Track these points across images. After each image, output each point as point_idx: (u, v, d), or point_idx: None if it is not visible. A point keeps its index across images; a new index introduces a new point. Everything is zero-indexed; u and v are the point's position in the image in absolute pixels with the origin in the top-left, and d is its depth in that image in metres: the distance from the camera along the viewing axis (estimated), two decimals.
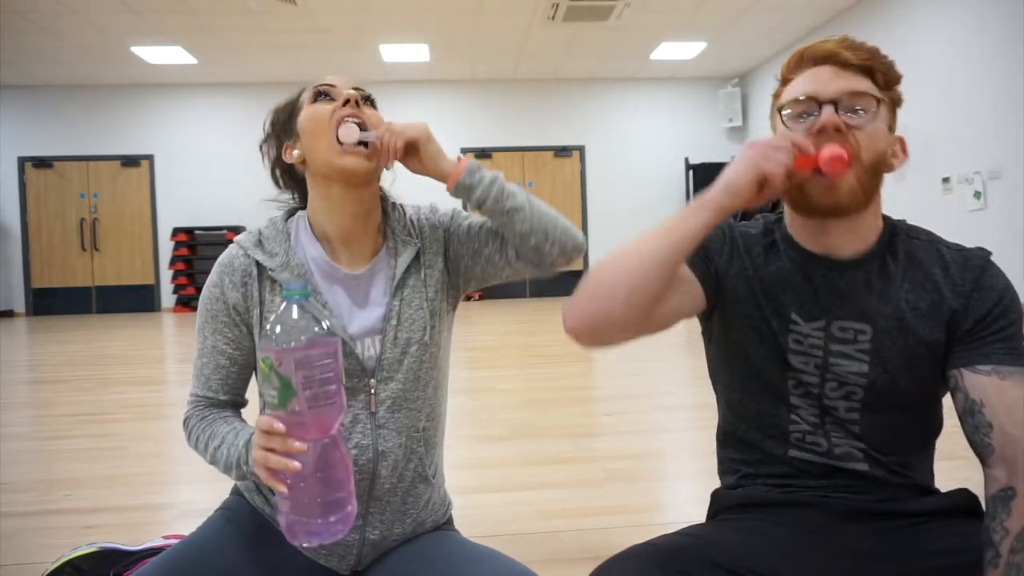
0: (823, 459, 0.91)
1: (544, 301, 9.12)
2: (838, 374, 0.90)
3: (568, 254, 1.05)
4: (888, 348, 0.88)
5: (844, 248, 0.91)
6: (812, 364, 0.91)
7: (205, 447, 0.98)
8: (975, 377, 0.85)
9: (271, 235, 1.03)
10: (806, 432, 0.92)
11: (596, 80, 9.75)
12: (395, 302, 1.02)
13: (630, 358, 4.21)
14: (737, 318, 0.95)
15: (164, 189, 9.47)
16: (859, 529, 0.87)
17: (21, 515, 1.85)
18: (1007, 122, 5.33)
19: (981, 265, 0.89)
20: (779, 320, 0.92)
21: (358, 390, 0.99)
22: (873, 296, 0.90)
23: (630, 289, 0.81)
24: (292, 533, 0.80)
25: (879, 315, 0.89)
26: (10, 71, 8.47)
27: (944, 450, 0.96)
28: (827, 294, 0.91)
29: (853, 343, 0.89)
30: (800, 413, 0.92)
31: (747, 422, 0.98)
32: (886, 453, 0.90)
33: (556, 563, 1.46)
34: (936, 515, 0.88)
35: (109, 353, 5.21)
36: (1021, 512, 0.79)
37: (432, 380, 1.05)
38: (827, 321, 0.90)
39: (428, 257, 1.07)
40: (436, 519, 1.09)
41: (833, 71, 0.87)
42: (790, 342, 0.91)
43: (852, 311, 0.90)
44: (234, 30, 7.33)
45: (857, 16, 7.13)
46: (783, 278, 0.93)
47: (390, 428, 1.00)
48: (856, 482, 0.90)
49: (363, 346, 1.00)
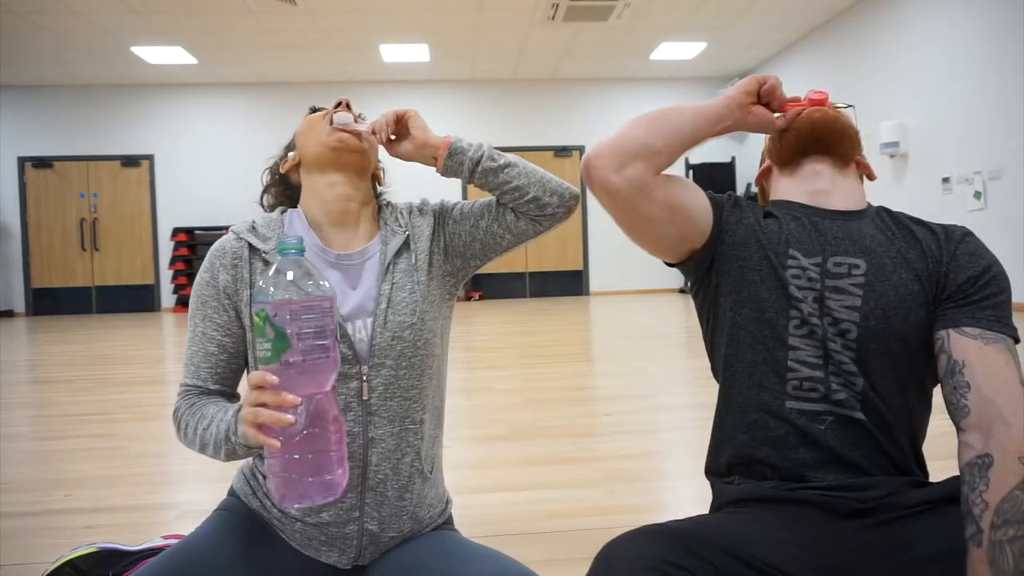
0: (821, 405, 0.91)
1: (544, 301, 9.12)
2: (832, 308, 0.92)
3: (567, 203, 1.11)
4: (881, 283, 0.92)
5: (835, 201, 0.99)
6: (811, 297, 0.93)
7: (195, 432, 0.96)
8: (960, 339, 0.87)
9: (265, 222, 1.06)
10: (803, 379, 0.92)
11: (596, 80, 9.76)
12: (385, 286, 1.04)
13: (630, 358, 4.21)
14: (737, 261, 0.98)
15: (164, 189, 9.47)
16: (857, 524, 0.87)
17: (21, 515, 1.85)
18: (1007, 122, 5.33)
19: (965, 232, 0.95)
20: (778, 256, 0.96)
21: (350, 376, 1.00)
22: (867, 238, 0.95)
23: (663, 127, 0.97)
24: (282, 495, 0.77)
25: (872, 251, 0.94)
26: (10, 71, 8.47)
27: (944, 450, 0.96)
28: (824, 232, 0.96)
29: (847, 276, 0.93)
30: (800, 355, 0.92)
31: (743, 380, 0.97)
32: (883, 399, 0.90)
33: (556, 563, 1.46)
34: (932, 505, 0.88)
35: (109, 353, 5.21)
36: (999, 481, 0.77)
37: (427, 368, 1.06)
38: (823, 257, 0.94)
39: (419, 244, 1.09)
40: (435, 516, 1.10)
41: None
42: (789, 277, 0.94)
43: (848, 247, 0.94)
44: (234, 30, 7.33)
45: (857, 16, 7.12)
46: (782, 226, 0.99)
47: (381, 416, 1.01)
48: (851, 433, 0.90)
49: (354, 327, 1.01)
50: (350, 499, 1.01)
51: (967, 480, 0.80)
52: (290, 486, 0.77)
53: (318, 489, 0.77)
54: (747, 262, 0.97)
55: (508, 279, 9.83)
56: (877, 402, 0.90)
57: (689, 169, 9.66)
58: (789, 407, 0.92)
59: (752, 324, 0.96)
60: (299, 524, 1.01)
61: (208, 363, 1.02)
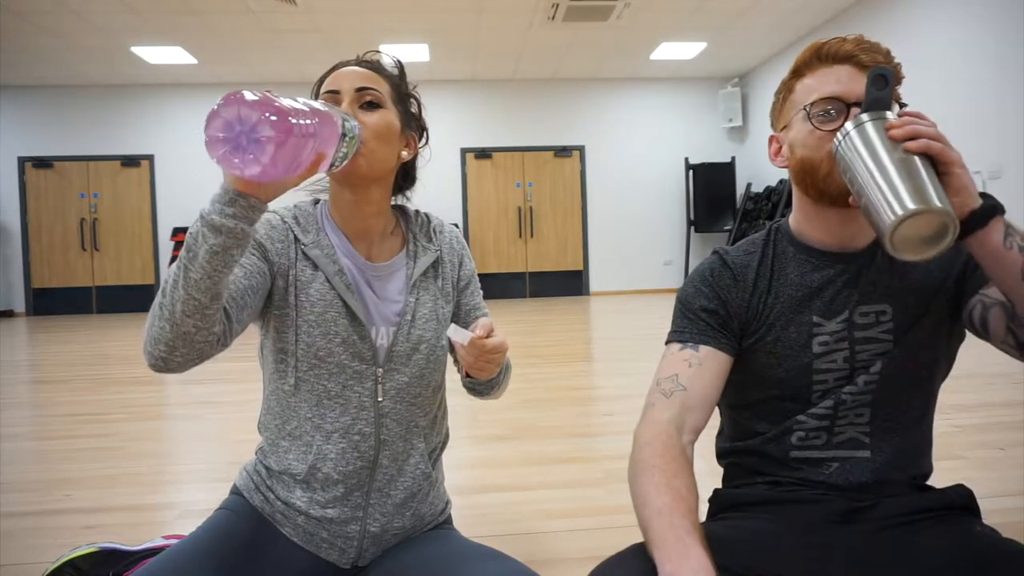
0: (823, 452, 0.92)
1: (544, 301, 9.12)
2: (864, 360, 0.91)
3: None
4: (910, 318, 0.91)
5: (861, 236, 0.93)
6: (841, 358, 0.91)
7: (168, 284, 0.81)
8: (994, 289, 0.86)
9: (304, 216, 1.06)
10: (809, 430, 0.93)
11: (596, 80, 9.75)
12: (411, 299, 1.05)
13: (630, 358, 4.21)
14: (747, 350, 0.96)
15: (164, 189, 9.47)
16: (856, 528, 0.87)
17: (21, 515, 1.84)
18: (1007, 122, 5.33)
19: None
20: (799, 329, 0.93)
21: (365, 376, 1.01)
22: (885, 275, 0.92)
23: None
24: (209, 140, 0.75)
25: (895, 291, 0.91)
26: (10, 71, 8.47)
27: (944, 450, 0.96)
28: (846, 286, 0.92)
29: (876, 326, 0.91)
30: (813, 412, 0.92)
31: (750, 435, 0.98)
32: (890, 431, 0.91)
33: (556, 563, 1.46)
34: (933, 512, 0.88)
35: (109, 353, 5.21)
36: None
37: (433, 382, 1.08)
38: (849, 311, 0.92)
39: (444, 268, 1.11)
40: (435, 514, 1.10)
41: (851, 72, 0.89)
42: (815, 346, 0.92)
43: (871, 295, 0.92)
44: (234, 30, 7.33)
45: (857, 16, 7.12)
46: (796, 285, 0.94)
47: (392, 418, 1.03)
48: (856, 472, 0.90)
49: (377, 333, 1.03)
50: (356, 498, 1.01)
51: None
52: (214, 119, 0.73)
53: (252, 141, 0.72)
54: (763, 346, 0.95)
55: (508, 279, 9.83)
56: (882, 442, 0.91)
57: (689, 169, 9.66)
58: (793, 456, 0.94)
59: (774, 400, 0.96)
60: (301, 518, 1.01)
61: None
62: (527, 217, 9.80)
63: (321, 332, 0.99)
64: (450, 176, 9.67)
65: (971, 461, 1.77)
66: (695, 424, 0.91)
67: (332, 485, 1.00)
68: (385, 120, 1.01)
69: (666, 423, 0.88)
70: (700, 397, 0.91)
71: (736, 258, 0.99)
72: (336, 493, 1.00)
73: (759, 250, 0.99)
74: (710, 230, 9.64)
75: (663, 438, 0.87)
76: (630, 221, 9.83)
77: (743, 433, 1.00)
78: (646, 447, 0.86)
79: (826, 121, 0.89)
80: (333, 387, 1.00)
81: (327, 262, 1.01)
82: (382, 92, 1.02)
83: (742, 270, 0.98)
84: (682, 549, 0.73)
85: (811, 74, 0.92)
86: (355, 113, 0.98)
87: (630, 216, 9.80)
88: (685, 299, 0.99)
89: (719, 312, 0.96)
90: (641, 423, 0.91)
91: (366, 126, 0.98)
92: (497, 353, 0.93)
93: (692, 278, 1.01)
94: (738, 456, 1.01)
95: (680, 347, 0.95)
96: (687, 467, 0.86)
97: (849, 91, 0.88)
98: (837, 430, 0.92)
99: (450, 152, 9.66)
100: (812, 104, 0.90)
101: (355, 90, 1.00)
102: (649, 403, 0.93)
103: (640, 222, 9.84)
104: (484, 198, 9.75)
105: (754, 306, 0.96)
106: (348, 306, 1.00)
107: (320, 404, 1.00)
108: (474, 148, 9.68)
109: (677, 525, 0.76)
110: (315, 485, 1.00)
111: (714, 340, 0.94)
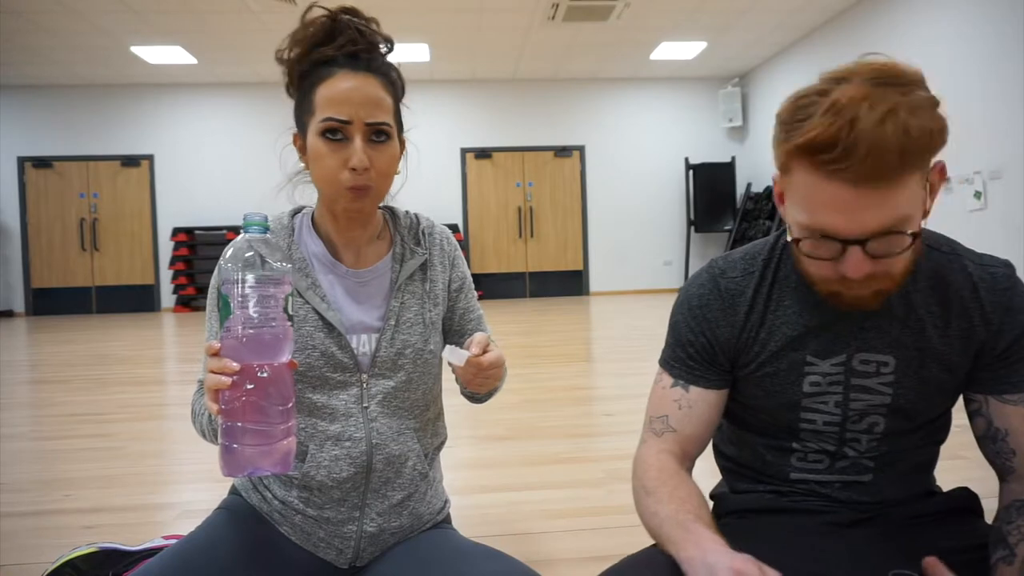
0: (824, 475, 0.91)
1: (544, 301, 9.12)
2: (858, 410, 0.87)
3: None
4: (912, 377, 0.85)
5: None
6: (832, 402, 0.87)
7: (198, 419, 1.02)
8: (1002, 407, 0.84)
9: (275, 229, 1.04)
10: (810, 452, 0.92)
11: (596, 80, 9.75)
12: (395, 303, 1.03)
13: (630, 358, 4.20)
14: (737, 379, 0.93)
15: (164, 189, 9.46)
16: (861, 533, 0.87)
17: (21, 515, 1.84)
18: (1007, 122, 5.33)
19: (1009, 287, 0.83)
20: (791, 366, 0.88)
21: (350, 384, 1.01)
22: (896, 324, 0.85)
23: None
24: (225, 463, 0.78)
25: (902, 344, 0.85)
26: (10, 71, 8.46)
27: (944, 450, 0.96)
28: (846, 328, 0.85)
29: (876, 376, 0.85)
30: (809, 446, 0.91)
31: (749, 446, 0.98)
32: (894, 462, 0.90)
33: (556, 563, 1.46)
34: (937, 515, 0.88)
35: (109, 353, 5.21)
36: None
37: (423, 385, 1.06)
38: (847, 355, 0.86)
39: (434, 272, 1.09)
40: (434, 513, 1.10)
41: (856, 193, 0.70)
42: (806, 386, 0.87)
43: (874, 343, 0.85)
44: (234, 30, 7.33)
45: (857, 16, 7.12)
46: (793, 324, 0.87)
47: (382, 423, 1.02)
48: (858, 491, 0.90)
49: (358, 341, 1.02)
50: (352, 499, 1.01)
51: (1004, 516, 0.83)
52: (231, 454, 0.77)
53: (263, 457, 0.78)
54: (750, 379, 0.92)
55: (508, 279, 9.83)
56: (886, 468, 0.90)
57: (689, 169, 9.66)
58: (794, 477, 0.93)
59: (758, 431, 0.95)
60: (299, 517, 1.01)
61: None
62: (527, 217, 9.80)
63: (299, 347, 0.98)
64: (450, 176, 9.67)
65: (972, 461, 1.87)
66: (691, 455, 0.92)
67: (328, 489, 1.00)
68: (391, 153, 0.97)
69: (661, 453, 0.90)
70: (692, 437, 0.91)
71: (731, 281, 0.91)
72: (332, 496, 1.00)
73: (758, 271, 0.90)
74: (710, 230, 9.64)
75: (659, 465, 0.87)
76: (630, 221, 9.83)
77: (741, 441, 0.99)
78: (644, 475, 0.87)
79: (818, 251, 0.76)
80: (319, 398, 1.00)
81: (299, 277, 1.00)
82: (390, 116, 0.97)
83: (734, 299, 0.90)
84: (695, 537, 0.74)
85: (797, 171, 0.74)
86: (364, 147, 0.93)
87: (630, 216, 9.80)
88: (675, 325, 0.95)
89: (707, 348, 0.91)
90: (636, 455, 0.92)
91: (375, 166, 0.95)
92: (494, 368, 0.93)
93: (684, 299, 0.94)
94: (738, 465, 1.00)
95: (672, 382, 0.93)
96: (688, 480, 0.86)
97: (847, 225, 0.72)
98: (840, 455, 0.90)
99: (450, 152, 9.66)
100: (798, 239, 0.77)
101: (365, 124, 0.94)
102: (642, 439, 0.94)
103: (640, 222, 9.84)
104: (484, 198, 9.75)
105: (743, 341, 0.90)
106: (324, 318, 0.99)
107: (311, 414, 1.00)
108: (474, 148, 9.68)
109: (685, 520, 0.77)
110: (311, 487, 1.00)
111: (704, 380, 0.91)
